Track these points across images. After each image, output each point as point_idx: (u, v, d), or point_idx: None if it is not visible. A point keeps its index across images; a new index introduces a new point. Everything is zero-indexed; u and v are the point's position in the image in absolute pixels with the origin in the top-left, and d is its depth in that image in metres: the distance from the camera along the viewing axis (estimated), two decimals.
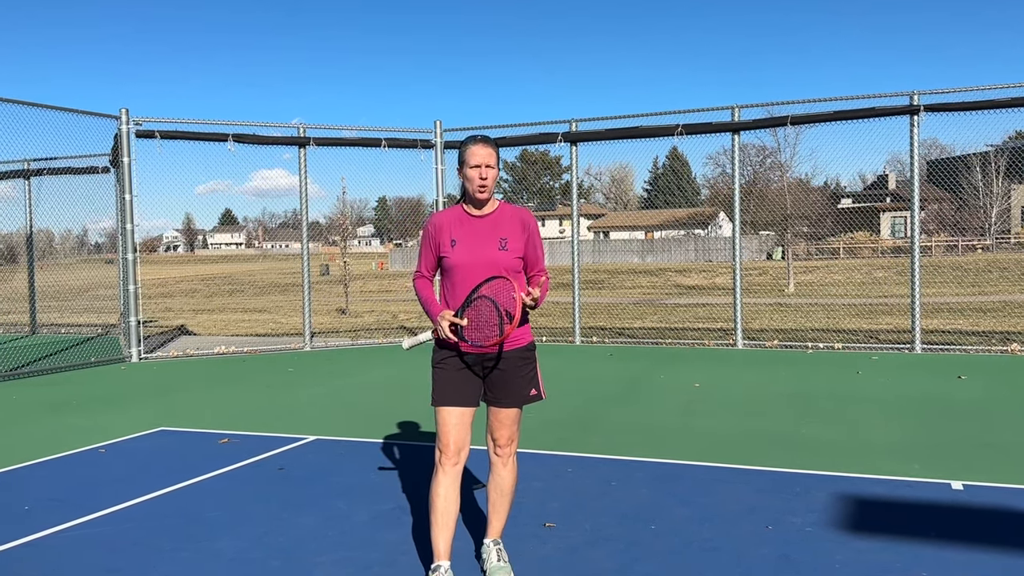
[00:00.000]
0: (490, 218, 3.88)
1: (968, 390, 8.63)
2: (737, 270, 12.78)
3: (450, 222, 3.88)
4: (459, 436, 3.79)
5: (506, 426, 3.91)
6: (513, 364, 3.87)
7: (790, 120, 12.30)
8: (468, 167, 3.81)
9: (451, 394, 3.81)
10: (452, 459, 3.78)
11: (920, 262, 11.76)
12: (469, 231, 3.85)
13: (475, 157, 3.80)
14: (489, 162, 3.80)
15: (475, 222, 3.87)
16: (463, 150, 3.85)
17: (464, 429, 3.82)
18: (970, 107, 11.30)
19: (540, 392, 3.98)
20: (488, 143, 3.85)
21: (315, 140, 13.41)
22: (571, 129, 13.51)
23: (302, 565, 4.21)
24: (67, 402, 9.04)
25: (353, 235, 22.11)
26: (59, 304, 19.37)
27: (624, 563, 4.15)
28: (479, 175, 3.78)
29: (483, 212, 3.88)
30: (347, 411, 8.25)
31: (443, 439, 3.79)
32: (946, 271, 24.20)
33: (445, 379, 3.83)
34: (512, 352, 3.87)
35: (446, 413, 3.81)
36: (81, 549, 4.48)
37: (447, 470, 3.77)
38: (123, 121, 12.45)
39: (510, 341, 3.84)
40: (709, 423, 7.34)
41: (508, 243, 3.83)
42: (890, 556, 4.14)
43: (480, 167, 3.78)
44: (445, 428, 3.79)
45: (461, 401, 3.81)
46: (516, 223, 3.88)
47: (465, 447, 3.82)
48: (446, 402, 3.81)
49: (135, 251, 12.58)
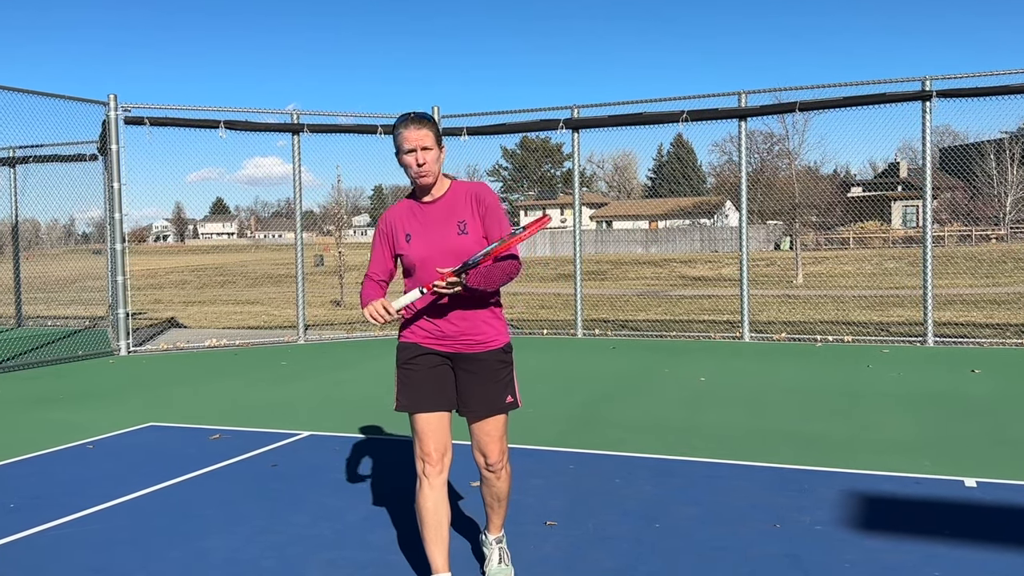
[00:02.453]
0: (442, 202, 3.61)
1: (982, 384, 8.62)
2: (744, 261, 12.77)
3: (402, 216, 3.64)
4: (441, 442, 3.58)
5: (494, 440, 3.67)
6: (489, 367, 3.64)
7: (799, 106, 12.28)
8: (403, 153, 3.52)
9: (426, 398, 3.59)
10: (436, 467, 3.57)
11: (932, 252, 11.75)
12: (423, 222, 3.60)
13: (408, 141, 3.49)
14: (425, 143, 3.48)
15: (427, 210, 3.61)
16: (395, 135, 3.53)
17: (444, 433, 3.61)
18: (984, 93, 11.28)
19: (516, 399, 3.72)
20: (422, 122, 3.51)
21: (309, 127, 13.39)
22: (573, 115, 13.48)
23: (295, 564, 4.20)
24: (54, 397, 9.04)
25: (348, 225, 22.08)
26: (45, 296, 19.37)
27: (627, 562, 4.14)
28: (415, 160, 3.49)
29: (434, 197, 3.61)
30: (342, 406, 8.24)
31: (424, 448, 3.58)
32: (959, 262, 24.17)
33: (417, 381, 3.60)
34: (488, 354, 3.64)
35: (423, 421, 3.58)
36: (68, 548, 4.48)
37: (432, 481, 3.56)
38: (111, 107, 12.42)
39: (484, 343, 3.63)
40: (715, 418, 7.33)
41: (467, 225, 3.57)
42: (901, 555, 4.14)
43: (415, 151, 3.48)
44: (424, 436, 3.58)
45: (438, 405, 3.60)
46: (470, 200, 3.61)
47: (448, 452, 3.62)
48: (422, 407, 3.58)
49: (124, 241, 12.57)
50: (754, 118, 12.70)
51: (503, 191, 62.99)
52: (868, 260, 29.45)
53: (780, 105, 12.47)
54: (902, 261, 27.36)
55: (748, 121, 12.65)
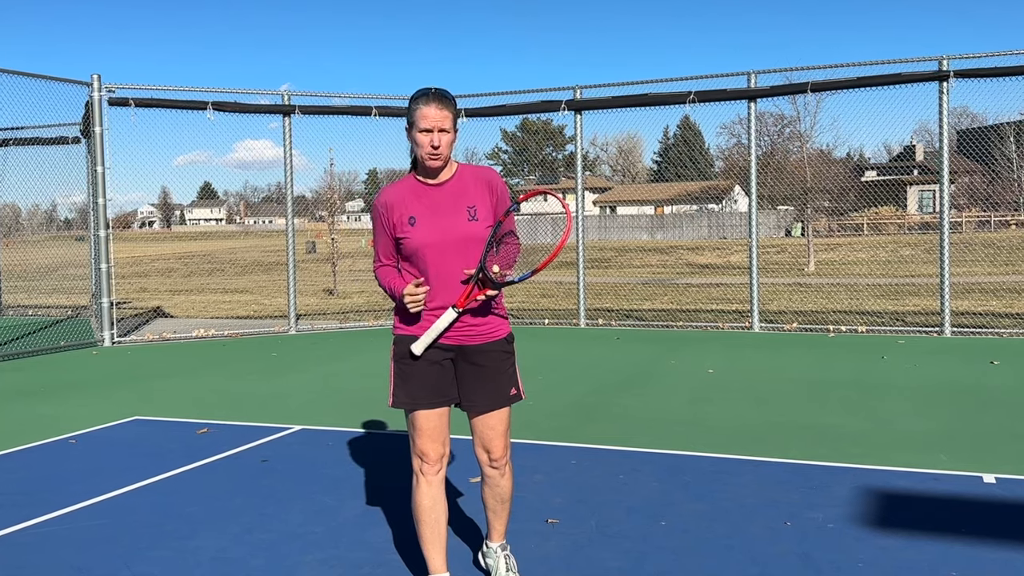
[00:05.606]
0: (450, 185, 3.55)
1: (1001, 376, 8.62)
2: (753, 248, 12.75)
3: (403, 197, 3.54)
4: (440, 441, 3.58)
5: (499, 435, 3.64)
6: (493, 359, 3.60)
7: (810, 87, 12.25)
8: (417, 131, 3.44)
9: (427, 394, 3.55)
10: (435, 466, 3.57)
11: (950, 239, 11.73)
12: (429, 204, 3.51)
13: (426, 119, 3.41)
14: (443, 125, 3.42)
15: (434, 192, 3.53)
16: (412, 108, 3.46)
17: (443, 430, 3.59)
18: (1003, 73, 11.26)
19: (520, 391, 3.70)
20: (443, 101, 3.45)
21: (301, 108, 13.35)
22: (575, 97, 13.45)
23: (286, 564, 4.20)
24: (35, 389, 9.04)
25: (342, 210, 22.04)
26: (26, 284, 19.35)
27: (632, 561, 4.14)
28: (430, 141, 3.42)
29: (441, 180, 3.55)
30: (335, 399, 8.24)
31: (422, 446, 3.56)
32: (977, 248, 24.15)
33: (416, 376, 3.54)
34: (491, 345, 3.60)
35: (422, 418, 3.55)
36: (50, 547, 4.47)
37: (430, 479, 3.56)
38: (95, 88, 12.38)
39: (487, 333, 3.59)
40: (723, 411, 7.33)
41: (478, 211, 3.52)
42: (916, 553, 4.14)
43: (432, 132, 3.42)
44: (423, 434, 3.55)
45: (438, 401, 3.56)
46: (482, 187, 3.57)
47: (447, 449, 3.62)
48: (421, 404, 3.55)
49: (108, 227, 12.55)
50: (764, 99, 12.67)
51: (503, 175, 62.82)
52: (883, 247, 29.44)
53: (791, 86, 12.44)
54: (918, 248, 27.34)
55: (758, 102, 12.61)
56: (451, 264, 3.48)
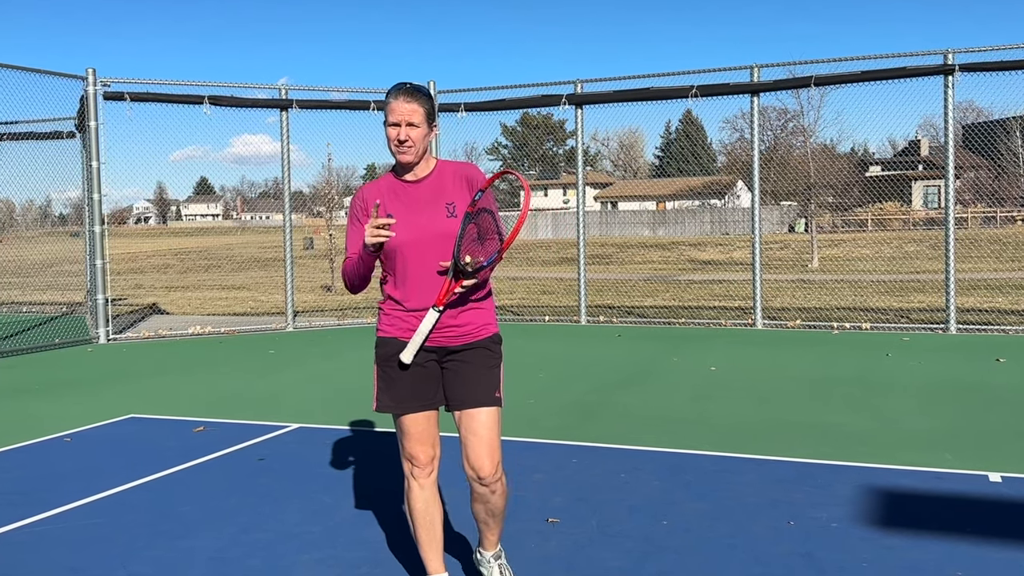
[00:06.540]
0: (429, 182, 3.52)
1: (1007, 374, 8.62)
2: (756, 244, 12.75)
3: (380, 194, 3.52)
4: (429, 444, 3.56)
5: (486, 444, 3.48)
6: (479, 356, 3.54)
7: (814, 81, 12.24)
8: (386, 125, 3.44)
9: (412, 397, 3.52)
10: (426, 469, 3.56)
11: (955, 235, 11.73)
12: (406, 202, 3.49)
13: (393, 113, 3.40)
14: (411, 119, 3.39)
15: (411, 190, 3.51)
16: (384, 101, 3.46)
17: (432, 433, 3.57)
18: (1009, 67, 11.26)
19: (501, 396, 3.58)
20: (413, 95, 3.42)
21: (298, 103, 13.34)
22: (576, 91, 13.43)
23: (283, 563, 4.20)
24: (29, 387, 9.03)
25: (340, 206, 22.00)
26: (20, 281, 19.36)
27: (633, 561, 4.14)
28: (397, 135, 3.40)
29: (418, 177, 3.52)
30: (333, 397, 8.24)
31: (411, 450, 3.55)
32: (983, 245, 24.16)
33: (400, 379, 3.50)
34: (477, 343, 3.54)
35: (409, 422, 3.53)
36: (44, 546, 4.47)
37: (422, 482, 3.56)
38: (90, 82, 12.37)
39: (471, 334, 3.53)
40: (726, 409, 7.33)
41: (457, 208, 3.48)
42: (921, 553, 4.13)
43: (400, 126, 3.40)
44: (411, 438, 3.54)
45: (425, 404, 3.53)
46: (460, 183, 3.53)
47: (437, 451, 3.59)
48: (408, 408, 3.52)
49: (103, 223, 12.54)
50: (767, 93, 12.66)
51: None
52: (887, 243, 29.41)
53: (795, 80, 12.44)
54: (923, 244, 27.33)
55: (761, 96, 12.61)
56: (430, 262, 3.44)
